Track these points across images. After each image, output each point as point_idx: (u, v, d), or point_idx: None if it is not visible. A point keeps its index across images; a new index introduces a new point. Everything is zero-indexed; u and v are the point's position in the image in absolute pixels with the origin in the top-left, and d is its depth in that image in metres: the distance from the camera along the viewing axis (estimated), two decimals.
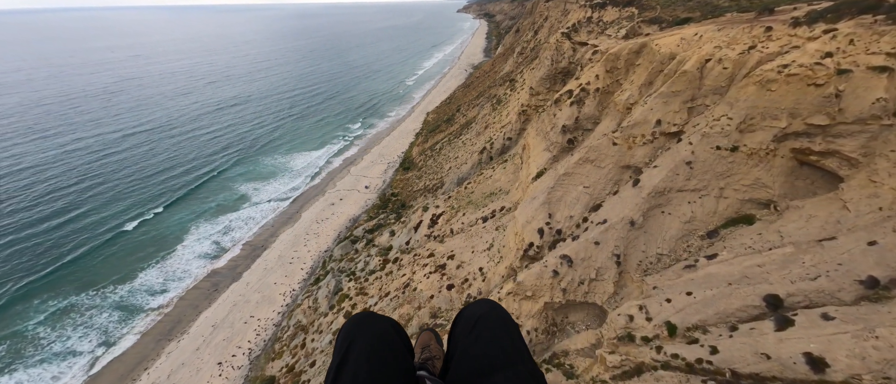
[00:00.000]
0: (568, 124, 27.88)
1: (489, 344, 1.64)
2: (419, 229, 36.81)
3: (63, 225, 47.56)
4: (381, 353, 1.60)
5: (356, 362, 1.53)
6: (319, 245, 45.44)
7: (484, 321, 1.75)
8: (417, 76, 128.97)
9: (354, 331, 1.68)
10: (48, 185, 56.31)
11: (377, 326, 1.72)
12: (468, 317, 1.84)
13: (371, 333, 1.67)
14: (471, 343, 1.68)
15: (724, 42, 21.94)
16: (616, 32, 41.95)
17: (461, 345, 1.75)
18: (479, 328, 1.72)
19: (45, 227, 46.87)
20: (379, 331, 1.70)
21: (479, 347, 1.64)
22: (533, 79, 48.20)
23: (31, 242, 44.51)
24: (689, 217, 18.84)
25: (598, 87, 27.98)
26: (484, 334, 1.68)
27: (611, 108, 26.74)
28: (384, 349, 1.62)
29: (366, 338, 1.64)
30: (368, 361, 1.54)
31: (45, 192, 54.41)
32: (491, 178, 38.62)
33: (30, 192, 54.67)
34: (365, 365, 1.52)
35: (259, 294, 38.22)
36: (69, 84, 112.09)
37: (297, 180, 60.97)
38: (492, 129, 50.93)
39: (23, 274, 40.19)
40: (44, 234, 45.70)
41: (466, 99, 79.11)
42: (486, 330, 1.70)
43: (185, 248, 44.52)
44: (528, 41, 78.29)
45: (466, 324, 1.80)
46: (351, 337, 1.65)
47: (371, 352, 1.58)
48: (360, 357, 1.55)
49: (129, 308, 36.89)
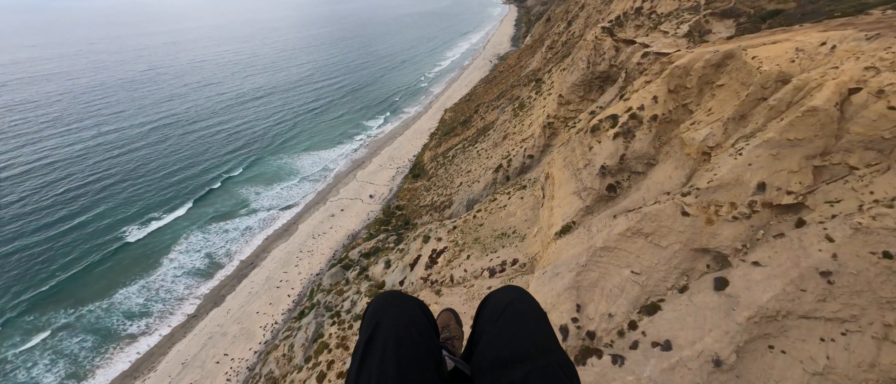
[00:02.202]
0: (609, 164, 19.78)
1: (517, 331, 1.56)
2: (416, 268, 30.18)
3: (64, 233, 44.08)
4: (409, 332, 1.54)
5: (384, 340, 1.49)
6: (311, 266, 39.98)
7: (512, 308, 1.66)
8: (440, 68, 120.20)
9: (382, 309, 1.64)
10: (60, 185, 54.07)
11: (404, 305, 1.68)
12: (496, 302, 1.75)
13: (398, 311, 1.62)
14: (498, 329, 1.60)
15: (885, 61, 13.10)
16: (674, 29, 32.32)
17: (488, 329, 1.66)
18: (507, 314, 1.64)
19: (42, 237, 43.63)
20: (406, 309, 1.66)
21: (506, 334, 1.56)
22: (563, 83, 39.37)
23: (26, 252, 41.66)
24: (821, 365, 10.89)
25: (655, 113, 19.55)
26: (512, 321, 1.60)
27: (675, 147, 18.37)
28: (411, 327, 1.57)
29: (393, 316, 1.60)
30: (396, 339, 1.50)
31: (58, 193, 52.07)
32: (504, 208, 31.07)
33: (34, 195, 52.65)
34: (392, 342, 1.48)
35: (238, 325, 33.30)
36: (105, 73, 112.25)
37: (303, 186, 55.65)
38: (511, 140, 42.83)
39: (13, 285, 37.38)
40: (41, 244, 42.65)
41: (487, 98, 70.44)
42: (514, 316, 1.62)
43: (172, 262, 40.34)
44: (560, 33, 67.73)
45: (494, 309, 1.72)
46: (378, 315, 1.61)
47: (399, 331, 1.53)
48: (388, 335, 1.51)
49: (104, 332, 33.02)
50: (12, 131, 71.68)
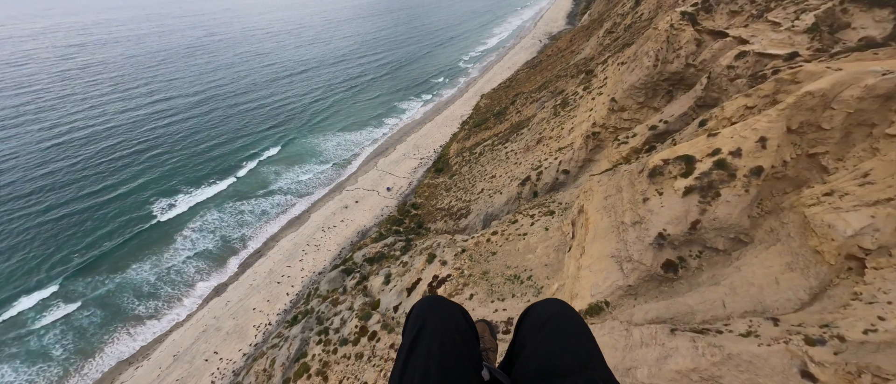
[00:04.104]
0: (672, 233, 13.12)
1: (560, 345, 1.49)
2: (412, 295, 25.74)
3: (100, 205, 44.81)
4: (452, 336, 1.52)
5: (429, 341, 1.48)
6: (316, 263, 37.28)
7: (555, 320, 1.59)
8: (486, 47, 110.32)
9: (426, 312, 1.63)
10: (115, 150, 56.28)
11: (448, 310, 1.66)
12: (537, 314, 1.69)
13: (442, 315, 1.60)
14: (540, 341, 1.54)
15: None
16: (791, 20, 22.83)
17: (529, 341, 1.59)
18: (549, 327, 1.57)
19: (87, 205, 44.94)
20: (450, 314, 1.64)
21: (548, 346, 1.50)
22: (619, 83, 31.10)
23: (73, 218, 43.02)
24: None
25: (759, 164, 12.33)
26: (554, 333, 1.54)
27: (791, 225, 11.31)
28: (454, 334, 1.54)
29: (437, 319, 1.57)
30: (440, 341, 1.48)
31: (110, 158, 54.18)
32: (524, 239, 25.10)
33: (93, 158, 55.11)
34: (437, 344, 1.46)
35: (233, 320, 31.63)
36: (168, 38, 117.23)
37: (324, 171, 52.76)
38: (545, 147, 35.70)
39: (51, 249, 38.88)
40: (78, 214, 43.84)
41: (527, 87, 61.83)
42: (557, 329, 1.55)
43: (186, 241, 39.68)
44: (624, 15, 56.00)
45: (535, 321, 1.65)
46: (424, 317, 1.59)
47: (443, 333, 1.51)
48: (433, 337, 1.49)
49: (113, 308, 33.03)
50: (81, 93, 76.37)
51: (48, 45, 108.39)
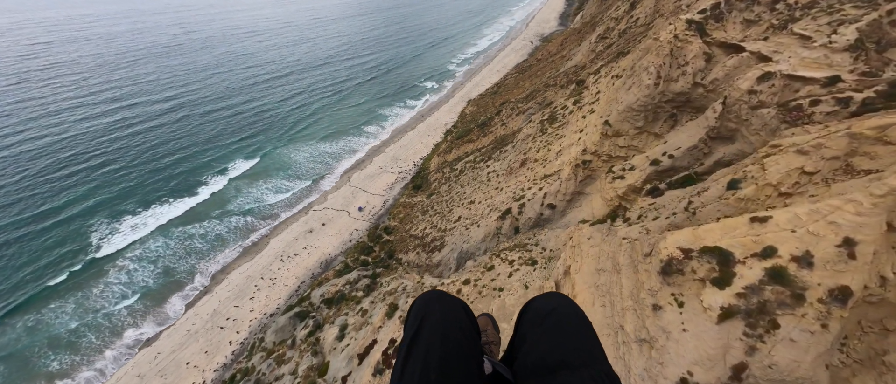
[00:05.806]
0: (703, 383, 8.35)
1: (562, 339, 1.46)
2: (363, 366, 20.78)
3: (36, 234, 38.43)
4: (453, 331, 1.48)
5: (429, 337, 1.44)
6: (268, 302, 32.13)
7: (556, 314, 1.55)
8: (476, 48, 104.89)
9: (426, 307, 1.58)
10: (69, 164, 50.25)
11: (449, 305, 1.61)
12: (539, 308, 1.64)
13: (443, 311, 1.55)
14: (541, 335, 1.51)
15: None
16: (827, 33, 18.05)
17: (530, 335, 1.56)
18: (550, 321, 1.53)
19: (13, 237, 38.48)
20: (450, 309, 1.59)
21: (550, 340, 1.47)
22: (614, 102, 26.22)
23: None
24: None
25: (844, 283, 7.48)
26: (556, 328, 1.50)
27: None
28: (455, 327, 1.50)
29: (438, 314, 1.52)
30: (441, 337, 1.44)
31: (47, 179, 48.03)
32: (500, 295, 20.18)
33: (40, 176, 49.09)
34: (437, 340, 1.42)
35: (161, 379, 26.43)
36: (141, 38, 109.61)
37: (293, 187, 47.33)
38: (530, 171, 30.76)
39: None
40: (8, 245, 37.77)
41: (515, 95, 56.81)
42: (558, 324, 1.51)
43: (121, 274, 34.24)
44: (618, 19, 50.99)
45: (537, 314, 1.61)
46: (423, 313, 1.54)
47: (444, 329, 1.47)
48: (433, 332, 1.45)
49: (19, 363, 27.60)
50: (39, 98, 69.68)
51: (10, 43, 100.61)
